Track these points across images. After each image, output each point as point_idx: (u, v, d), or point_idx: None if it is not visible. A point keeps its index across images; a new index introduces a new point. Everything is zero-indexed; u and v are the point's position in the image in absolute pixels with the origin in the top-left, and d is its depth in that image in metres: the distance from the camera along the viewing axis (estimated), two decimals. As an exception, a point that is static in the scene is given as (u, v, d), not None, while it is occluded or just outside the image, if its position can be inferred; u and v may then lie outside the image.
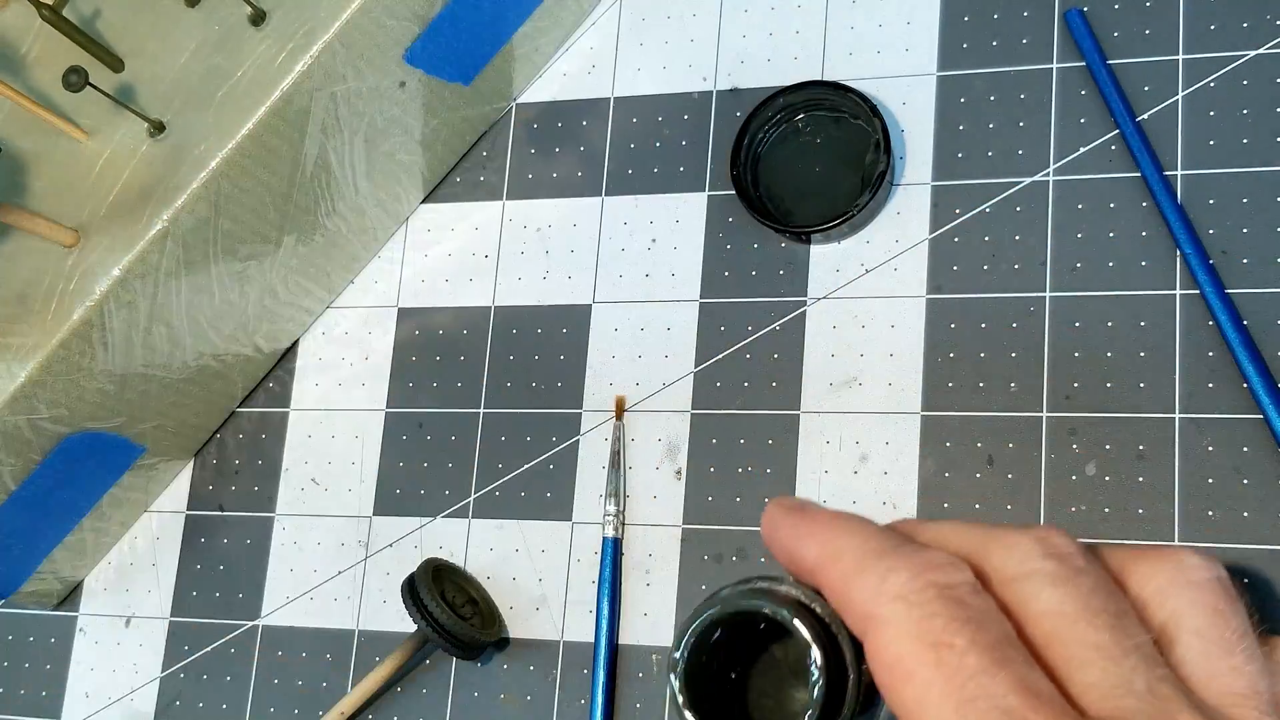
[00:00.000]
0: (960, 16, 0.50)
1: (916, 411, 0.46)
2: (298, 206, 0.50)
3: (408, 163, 0.53)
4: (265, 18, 0.47)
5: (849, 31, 0.51)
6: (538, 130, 0.54)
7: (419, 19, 0.48)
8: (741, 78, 0.52)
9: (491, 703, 0.48)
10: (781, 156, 0.50)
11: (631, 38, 0.54)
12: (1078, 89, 0.48)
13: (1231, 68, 0.46)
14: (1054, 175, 0.47)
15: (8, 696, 0.54)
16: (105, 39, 0.50)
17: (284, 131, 0.47)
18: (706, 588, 0.47)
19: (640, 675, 0.47)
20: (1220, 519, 0.43)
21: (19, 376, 0.45)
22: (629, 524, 0.48)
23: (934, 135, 0.49)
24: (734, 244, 0.50)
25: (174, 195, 0.46)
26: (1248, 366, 0.43)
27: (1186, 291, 0.45)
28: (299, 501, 0.53)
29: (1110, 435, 0.44)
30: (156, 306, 0.47)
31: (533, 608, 0.49)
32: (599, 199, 0.53)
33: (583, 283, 0.52)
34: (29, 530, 0.50)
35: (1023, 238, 0.47)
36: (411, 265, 0.54)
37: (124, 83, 0.49)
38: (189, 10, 0.49)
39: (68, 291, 0.45)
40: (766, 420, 0.48)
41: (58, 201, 0.47)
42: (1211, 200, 0.45)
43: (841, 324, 0.48)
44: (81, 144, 0.48)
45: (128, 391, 0.49)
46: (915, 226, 0.48)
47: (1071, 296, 0.46)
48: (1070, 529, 0.44)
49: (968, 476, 0.45)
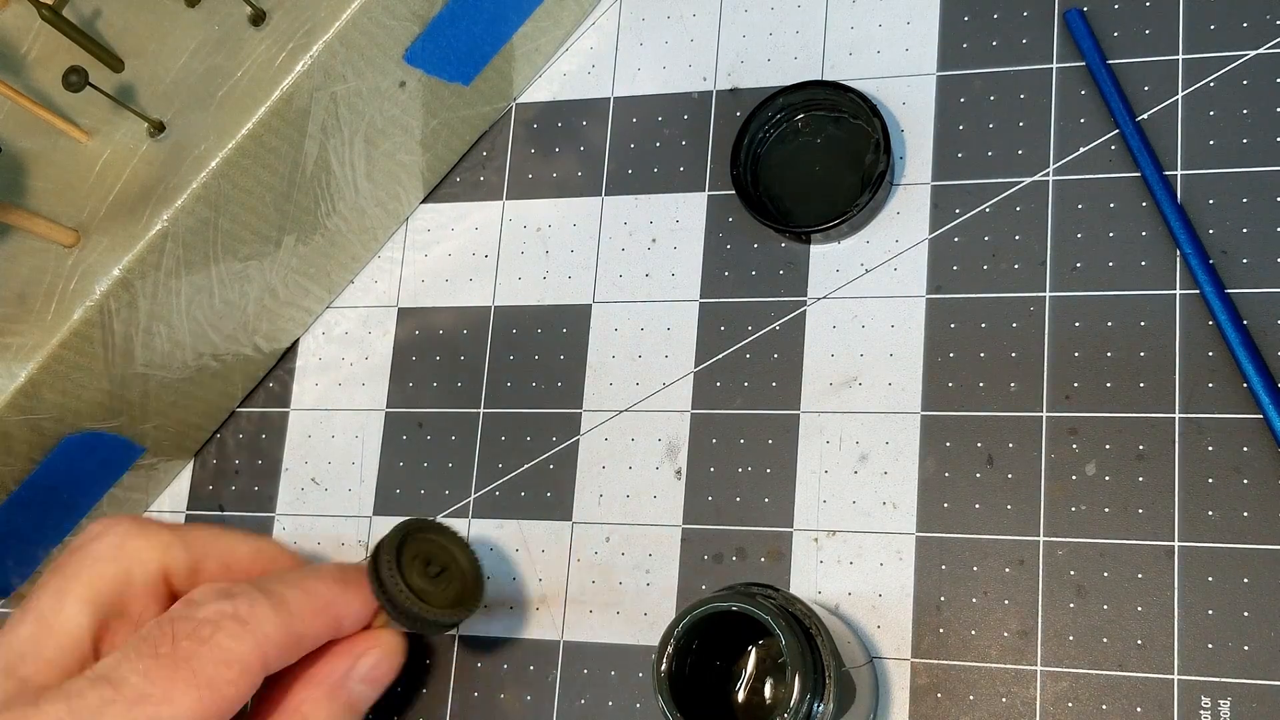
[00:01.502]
0: (960, 16, 0.50)
1: (916, 411, 0.46)
2: (298, 206, 0.50)
3: (408, 163, 0.53)
4: (265, 18, 0.47)
5: (849, 31, 0.51)
6: (538, 130, 0.54)
7: (419, 19, 0.48)
8: (741, 78, 0.52)
9: (492, 703, 0.48)
10: (781, 156, 0.50)
11: (631, 38, 0.54)
12: (1078, 89, 0.48)
13: (1231, 68, 0.46)
14: (1054, 175, 0.47)
15: (8, 696, 0.54)
16: (105, 39, 0.50)
17: (284, 131, 0.47)
18: (706, 587, 0.47)
19: (640, 675, 0.47)
20: (1220, 519, 0.43)
21: (19, 376, 0.45)
22: (629, 524, 0.48)
23: (934, 135, 0.49)
24: (734, 244, 0.50)
25: (174, 195, 0.46)
26: (1248, 366, 0.43)
27: (1186, 291, 0.45)
28: (299, 501, 0.53)
29: (1110, 435, 0.44)
30: (156, 306, 0.47)
31: (533, 608, 0.49)
32: (599, 199, 0.53)
33: (583, 283, 0.52)
34: (29, 530, 0.50)
35: (1023, 238, 0.47)
36: (411, 265, 0.54)
37: (124, 83, 0.49)
38: (189, 10, 0.49)
39: (68, 291, 0.45)
40: (766, 420, 0.48)
41: (58, 201, 0.47)
42: (1211, 200, 0.45)
43: (841, 324, 0.48)
44: (81, 144, 0.48)
45: (128, 391, 0.49)
46: (915, 226, 0.48)
47: (1071, 296, 0.46)
48: (1070, 529, 0.44)
49: (968, 476, 0.45)
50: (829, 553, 0.46)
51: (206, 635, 0.38)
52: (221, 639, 0.38)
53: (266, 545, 0.45)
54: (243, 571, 0.44)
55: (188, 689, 0.37)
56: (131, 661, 0.37)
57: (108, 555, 0.41)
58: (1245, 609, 0.42)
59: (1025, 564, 0.44)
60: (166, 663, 0.37)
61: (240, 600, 0.39)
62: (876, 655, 0.45)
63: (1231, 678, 0.41)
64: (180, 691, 0.37)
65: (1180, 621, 0.42)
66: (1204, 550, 0.43)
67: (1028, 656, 0.43)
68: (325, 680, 0.42)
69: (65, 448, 0.48)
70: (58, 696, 0.37)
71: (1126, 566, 0.43)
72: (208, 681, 0.37)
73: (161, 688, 0.37)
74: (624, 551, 0.48)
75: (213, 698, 0.37)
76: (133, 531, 0.42)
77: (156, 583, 0.41)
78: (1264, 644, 0.41)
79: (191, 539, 0.43)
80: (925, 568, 0.45)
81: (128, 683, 0.37)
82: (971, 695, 0.43)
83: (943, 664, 0.44)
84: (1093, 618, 0.43)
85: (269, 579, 0.41)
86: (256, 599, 0.39)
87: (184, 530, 0.43)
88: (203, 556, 0.43)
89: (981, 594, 0.44)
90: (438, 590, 0.45)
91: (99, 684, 0.37)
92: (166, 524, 0.43)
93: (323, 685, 0.42)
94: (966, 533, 0.45)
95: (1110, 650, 0.42)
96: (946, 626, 0.44)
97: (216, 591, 0.39)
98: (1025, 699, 0.43)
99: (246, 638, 0.38)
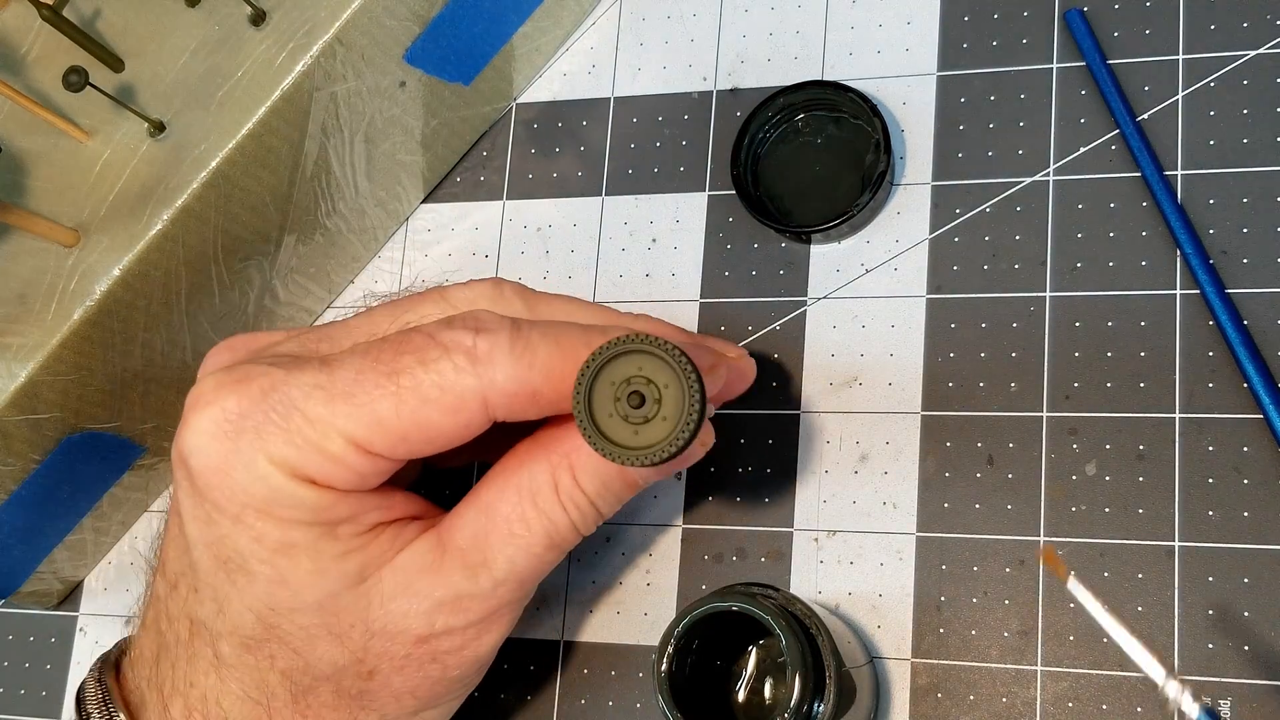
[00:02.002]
0: (960, 16, 0.50)
1: (916, 411, 0.46)
2: (298, 206, 0.50)
3: (408, 163, 0.53)
4: (265, 18, 0.47)
5: (849, 31, 0.51)
6: (538, 130, 0.54)
7: (419, 19, 0.48)
8: (741, 78, 0.52)
9: (492, 703, 0.48)
10: (781, 156, 0.50)
11: (631, 38, 0.54)
12: (1078, 89, 0.48)
13: (1231, 68, 0.46)
14: (1054, 175, 0.47)
15: (8, 696, 0.54)
16: (105, 39, 0.50)
17: (284, 131, 0.47)
18: (706, 587, 0.47)
19: (640, 675, 0.47)
20: (1220, 519, 0.43)
21: (19, 376, 0.45)
22: (629, 524, 0.48)
23: (934, 135, 0.49)
24: (734, 244, 0.50)
25: (174, 195, 0.46)
26: (1248, 366, 0.43)
27: (1186, 291, 0.45)
28: (299, 501, 0.53)
29: (1110, 435, 0.44)
30: (156, 306, 0.47)
31: (533, 608, 0.49)
32: (599, 199, 0.53)
33: (583, 283, 0.52)
34: (29, 530, 0.50)
35: (1023, 238, 0.47)
36: (411, 265, 0.54)
37: (124, 83, 0.49)
38: (189, 10, 0.49)
39: (68, 291, 0.45)
40: (766, 420, 0.48)
41: (58, 201, 0.47)
42: (1211, 200, 0.45)
43: (841, 324, 0.48)
44: (81, 144, 0.48)
45: (128, 391, 0.48)
46: (915, 226, 0.48)
47: (1071, 296, 0.46)
48: (1070, 529, 0.44)
49: (968, 476, 0.45)
50: (829, 553, 0.46)
51: (433, 359, 0.36)
52: (444, 367, 0.36)
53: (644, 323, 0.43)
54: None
55: (388, 402, 0.36)
56: (356, 359, 0.37)
57: (458, 303, 0.40)
58: (1245, 609, 0.42)
59: (1025, 564, 0.44)
60: (383, 372, 0.36)
61: (484, 337, 0.36)
62: (876, 655, 0.45)
63: (1231, 678, 0.41)
64: (379, 402, 0.36)
65: (1180, 621, 0.42)
66: (1204, 550, 0.43)
67: (1028, 656, 0.43)
68: (527, 488, 0.39)
69: (65, 448, 0.48)
70: (276, 360, 0.38)
71: (1126, 566, 0.43)
72: (413, 403, 0.36)
73: (366, 392, 0.36)
74: (624, 551, 0.48)
75: (413, 420, 0.36)
76: (489, 295, 0.41)
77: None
78: (1264, 644, 0.41)
79: (543, 312, 0.41)
80: (925, 568, 0.45)
81: (339, 376, 0.37)
82: (971, 695, 0.43)
83: (943, 664, 0.44)
84: (1093, 618, 0.43)
85: (542, 322, 0.38)
86: (501, 341, 0.36)
87: (540, 300, 0.42)
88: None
89: (981, 594, 0.44)
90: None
91: (319, 367, 0.37)
92: (529, 292, 0.42)
93: (525, 494, 0.39)
94: (967, 533, 0.45)
95: (1110, 650, 0.42)
96: (947, 626, 0.44)
97: (474, 320, 0.37)
98: (1025, 699, 0.43)
99: (469, 375, 0.36)
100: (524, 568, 0.39)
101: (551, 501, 0.38)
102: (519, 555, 0.38)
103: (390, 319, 0.40)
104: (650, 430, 0.35)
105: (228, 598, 0.38)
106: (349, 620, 0.38)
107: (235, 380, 0.37)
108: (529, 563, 0.39)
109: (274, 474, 0.37)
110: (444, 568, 0.38)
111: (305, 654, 0.38)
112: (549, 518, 0.38)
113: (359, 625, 0.38)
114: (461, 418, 0.37)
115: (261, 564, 0.37)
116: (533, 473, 0.38)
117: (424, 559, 0.38)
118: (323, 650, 0.38)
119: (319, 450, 0.37)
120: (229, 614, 0.38)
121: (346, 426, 0.36)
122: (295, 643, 0.38)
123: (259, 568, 0.38)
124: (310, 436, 0.36)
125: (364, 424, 0.36)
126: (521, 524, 0.38)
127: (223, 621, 0.38)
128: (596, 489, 0.39)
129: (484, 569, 0.38)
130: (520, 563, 0.38)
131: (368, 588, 0.38)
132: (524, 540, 0.38)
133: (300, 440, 0.36)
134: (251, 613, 0.38)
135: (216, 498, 0.37)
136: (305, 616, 0.38)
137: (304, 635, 0.38)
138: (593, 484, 0.39)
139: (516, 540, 0.38)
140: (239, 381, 0.37)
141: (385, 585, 0.38)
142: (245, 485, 0.37)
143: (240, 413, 0.37)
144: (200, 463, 0.37)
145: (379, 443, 0.37)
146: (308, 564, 0.38)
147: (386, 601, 0.38)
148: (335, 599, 0.38)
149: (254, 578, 0.38)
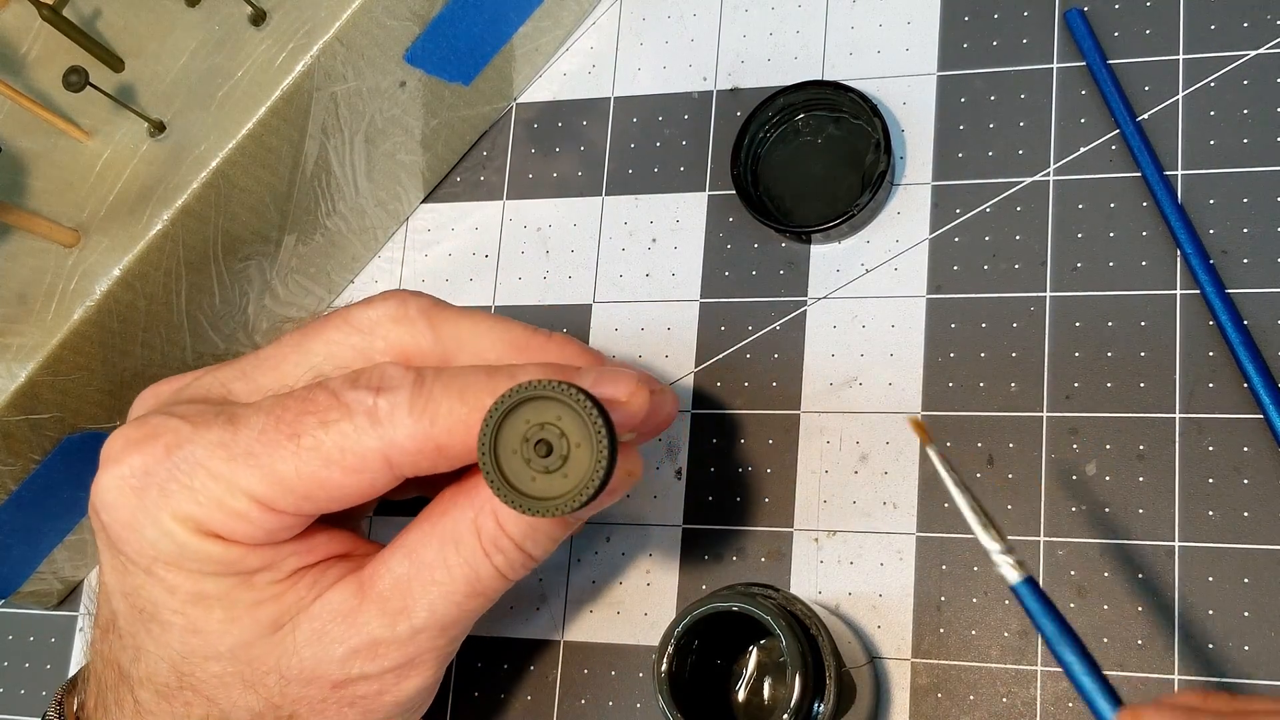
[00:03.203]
0: (960, 16, 0.50)
1: (917, 411, 0.46)
2: (298, 206, 0.50)
3: (408, 163, 0.53)
4: (265, 18, 0.47)
5: (849, 31, 0.51)
6: (538, 130, 0.54)
7: (419, 19, 0.48)
8: (741, 78, 0.52)
9: (492, 703, 0.48)
10: (781, 156, 0.50)
11: (631, 38, 0.54)
12: (1078, 89, 0.48)
13: (1231, 68, 0.46)
14: (1054, 175, 0.47)
15: (8, 696, 0.54)
16: (105, 39, 0.50)
17: (284, 131, 0.47)
18: (706, 587, 0.47)
19: (640, 675, 0.47)
20: (1220, 519, 0.43)
21: (19, 376, 0.45)
22: (629, 524, 0.48)
23: (934, 135, 0.49)
24: (734, 244, 0.50)
25: (174, 195, 0.46)
26: (1248, 366, 0.43)
27: (1186, 291, 0.45)
28: (299, 501, 0.53)
29: (1110, 435, 0.44)
30: (156, 306, 0.47)
31: (533, 608, 0.49)
32: (599, 199, 0.53)
33: (583, 283, 0.52)
34: (29, 530, 0.50)
35: (1023, 238, 0.47)
36: (411, 265, 0.54)
37: (124, 83, 0.49)
38: (189, 10, 0.49)
39: (68, 291, 0.45)
40: (766, 420, 0.48)
41: (58, 201, 0.47)
42: (1211, 200, 0.45)
43: (841, 324, 0.48)
44: (81, 144, 0.48)
45: (128, 391, 0.48)
46: (915, 226, 0.48)
47: (1071, 296, 0.46)
48: (1070, 529, 0.44)
49: (968, 476, 0.45)
50: (829, 553, 0.46)
51: (333, 420, 0.36)
52: (345, 429, 0.36)
53: (563, 345, 0.42)
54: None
55: (289, 462, 0.36)
56: (261, 417, 0.37)
57: (362, 326, 0.40)
58: (1245, 609, 0.42)
59: (1025, 564, 0.44)
60: (285, 433, 0.37)
61: (385, 396, 0.37)
62: (877, 655, 0.45)
63: (1231, 678, 0.41)
64: (281, 462, 0.36)
65: (1180, 621, 0.42)
66: (1204, 550, 0.42)
67: (1028, 656, 0.43)
68: (450, 534, 0.38)
69: (65, 448, 0.48)
70: (185, 412, 0.38)
71: (1126, 566, 0.43)
72: (314, 464, 0.36)
73: (268, 452, 0.36)
74: (624, 551, 0.48)
75: (315, 480, 0.36)
76: (394, 315, 0.40)
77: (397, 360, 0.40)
78: (1264, 644, 0.41)
79: (448, 334, 0.41)
80: (925, 568, 0.45)
81: (242, 435, 0.37)
82: (972, 695, 0.43)
83: (943, 664, 0.44)
84: (1093, 618, 0.43)
85: (446, 374, 0.38)
86: (401, 400, 0.37)
87: (446, 321, 0.41)
88: (456, 352, 0.41)
89: (981, 594, 0.44)
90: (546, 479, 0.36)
91: (225, 423, 0.37)
92: (436, 310, 0.41)
93: (448, 540, 0.38)
94: (967, 533, 0.45)
95: (1110, 650, 0.42)
96: (947, 626, 0.44)
97: (378, 378, 0.37)
98: (1025, 699, 0.43)
99: (369, 436, 0.36)
100: (445, 615, 0.38)
101: (473, 548, 0.38)
102: (439, 602, 0.38)
103: (297, 351, 0.40)
104: (559, 479, 0.35)
105: (143, 646, 0.38)
106: (263, 668, 0.38)
107: (142, 436, 0.37)
108: (450, 610, 0.38)
109: (179, 530, 0.37)
110: (361, 614, 0.38)
111: (220, 702, 0.38)
112: (470, 565, 0.38)
113: (273, 673, 0.38)
114: (365, 478, 0.37)
115: (174, 614, 0.38)
116: (455, 519, 0.38)
117: (342, 605, 0.38)
118: (237, 697, 0.38)
119: (222, 508, 0.37)
120: (145, 662, 0.39)
121: (249, 485, 0.37)
122: (208, 691, 0.38)
123: (172, 617, 0.38)
124: (214, 494, 0.37)
125: (266, 483, 0.37)
126: (443, 570, 0.38)
127: (140, 669, 0.39)
128: (523, 532, 0.38)
129: (403, 616, 0.38)
130: (441, 610, 0.38)
131: (282, 635, 0.38)
132: (445, 588, 0.38)
133: (204, 498, 0.37)
134: (165, 661, 0.38)
135: (128, 551, 0.38)
136: (218, 665, 0.38)
137: (217, 683, 0.38)
138: (518, 528, 0.38)
139: (438, 587, 0.38)
140: (146, 438, 0.37)
141: (301, 632, 0.38)
142: (153, 540, 0.37)
143: (145, 470, 0.37)
144: (110, 517, 0.38)
145: (282, 501, 0.37)
146: (220, 613, 0.38)
147: (301, 648, 0.38)
148: (249, 648, 0.38)
149: (168, 627, 0.38)
